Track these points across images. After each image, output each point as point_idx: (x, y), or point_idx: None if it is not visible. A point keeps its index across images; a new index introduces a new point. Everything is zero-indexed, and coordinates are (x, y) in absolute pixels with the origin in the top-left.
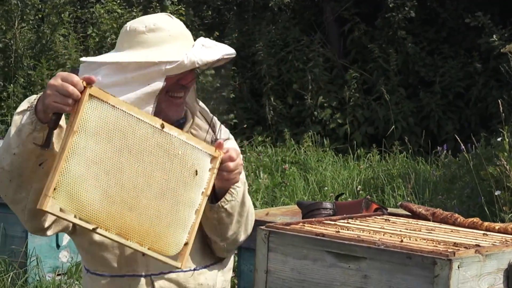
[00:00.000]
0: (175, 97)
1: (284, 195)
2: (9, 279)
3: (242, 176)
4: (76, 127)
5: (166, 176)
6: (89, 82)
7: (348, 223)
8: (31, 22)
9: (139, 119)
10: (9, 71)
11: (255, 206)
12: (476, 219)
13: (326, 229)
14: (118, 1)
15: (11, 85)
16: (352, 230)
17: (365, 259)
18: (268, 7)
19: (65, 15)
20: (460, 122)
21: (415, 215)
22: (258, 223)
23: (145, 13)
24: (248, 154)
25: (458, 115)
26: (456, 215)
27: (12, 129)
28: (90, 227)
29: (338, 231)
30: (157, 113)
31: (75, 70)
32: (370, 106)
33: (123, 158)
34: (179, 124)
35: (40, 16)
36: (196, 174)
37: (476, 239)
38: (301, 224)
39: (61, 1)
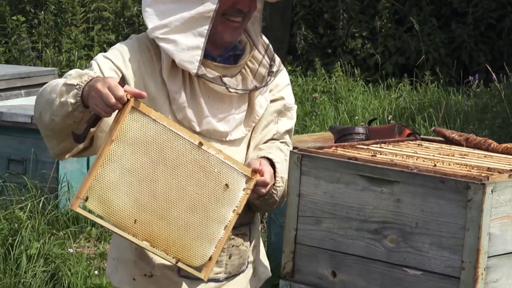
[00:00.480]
0: (231, 20)
1: (314, 124)
2: (40, 204)
3: (284, 175)
4: (114, 136)
5: (199, 191)
6: (135, 96)
7: (381, 147)
8: None
9: (178, 134)
10: None
11: None
12: (510, 145)
13: (359, 153)
14: None
15: (42, 12)
16: (385, 155)
17: (398, 183)
18: None
19: None
20: (491, 53)
21: (448, 141)
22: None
23: None
24: None
25: (490, 46)
26: (490, 140)
27: (58, 97)
28: (119, 232)
29: (371, 155)
30: (212, 35)
31: (123, 82)
32: (402, 36)
33: (158, 170)
34: (235, 55)
35: None
36: (229, 190)
37: (510, 164)
38: (333, 148)
39: None
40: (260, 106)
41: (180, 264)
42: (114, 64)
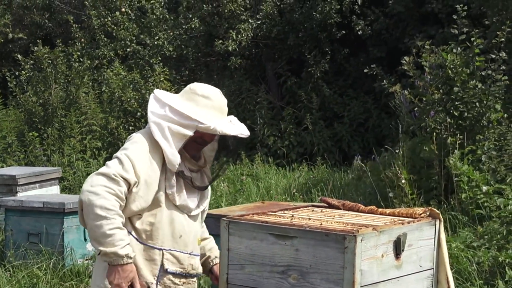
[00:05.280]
0: (197, 143)
1: (242, 198)
2: (51, 264)
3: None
4: None
5: None
6: None
7: (284, 213)
8: (61, 84)
9: None
10: (47, 119)
11: (221, 206)
12: (373, 207)
13: (269, 218)
14: (122, 67)
15: (49, 128)
16: (287, 218)
17: (296, 238)
18: (228, 67)
19: (86, 78)
20: (363, 142)
21: (331, 206)
22: (222, 217)
23: (141, 75)
24: None
25: (361, 138)
26: (359, 204)
27: (106, 247)
28: None
29: (277, 219)
30: (186, 147)
31: None
32: (300, 134)
33: None
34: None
35: (68, 79)
36: None
37: (373, 221)
38: (251, 215)
39: (82, 68)
40: (208, 196)
41: None
42: (144, 160)
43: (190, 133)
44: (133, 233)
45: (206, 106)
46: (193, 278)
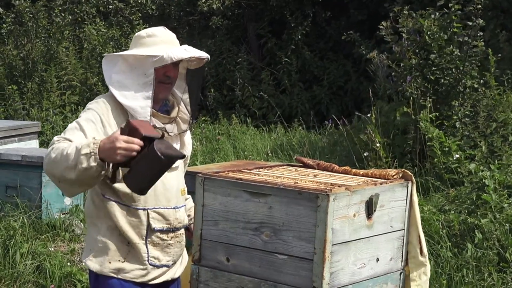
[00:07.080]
0: (164, 83)
1: (219, 157)
2: (28, 217)
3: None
4: None
5: None
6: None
7: (259, 171)
8: (42, 38)
9: None
10: (28, 73)
11: (196, 165)
12: (347, 167)
13: (244, 175)
14: (103, 23)
15: (29, 83)
16: (262, 176)
17: (270, 195)
18: (209, 26)
19: (66, 33)
20: (341, 105)
21: (306, 166)
22: (198, 174)
23: (121, 31)
24: (194, 129)
25: (340, 101)
26: (334, 164)
27: (79, 164)
28: None
29: (252, 177)
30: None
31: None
32: (279, 96)
33: None
34: (167, 110)
35: (49, 34)
36: None
37: (346, 181)
38: (226, 172)
39: (63, 24)
40: (189, 143)
41: None
42: (95, 124)
43: (151, 77)
44: (114, 197)
45: (155, 43)
46: (180, 231)
